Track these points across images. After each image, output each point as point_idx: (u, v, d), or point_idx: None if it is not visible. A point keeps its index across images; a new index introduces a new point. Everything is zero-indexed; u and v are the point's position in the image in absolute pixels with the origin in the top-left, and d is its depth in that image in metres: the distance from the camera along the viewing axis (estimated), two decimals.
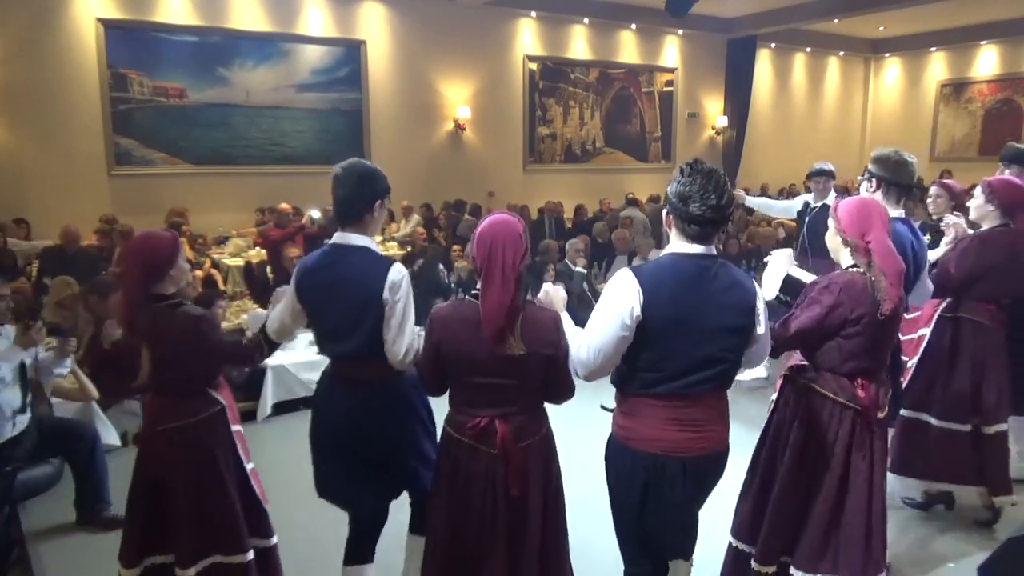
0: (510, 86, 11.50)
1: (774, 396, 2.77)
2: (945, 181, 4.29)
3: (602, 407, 2.42)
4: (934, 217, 4.18)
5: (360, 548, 2.72)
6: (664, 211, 2.24)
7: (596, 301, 2.23)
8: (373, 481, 2.59)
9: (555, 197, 10.97)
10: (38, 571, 3.39)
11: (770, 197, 9.63)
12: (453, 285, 6.88)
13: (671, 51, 13.10)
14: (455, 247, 8.16)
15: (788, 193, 12.99)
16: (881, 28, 13.88)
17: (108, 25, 8.47)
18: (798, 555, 2.58)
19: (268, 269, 7.71)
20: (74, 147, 8.46)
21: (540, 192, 11.41)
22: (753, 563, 2.65)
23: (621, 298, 2.12)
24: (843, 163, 15.39)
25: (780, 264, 2.80)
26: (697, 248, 2.15)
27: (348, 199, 2.48)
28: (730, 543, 2.77)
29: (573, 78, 12.17)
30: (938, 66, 14.77)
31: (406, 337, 2.44)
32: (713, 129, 13.86)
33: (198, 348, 2.58)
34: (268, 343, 2.69)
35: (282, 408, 5.19)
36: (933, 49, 14.59)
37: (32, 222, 8.02)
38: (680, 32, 12.82)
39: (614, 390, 2.32)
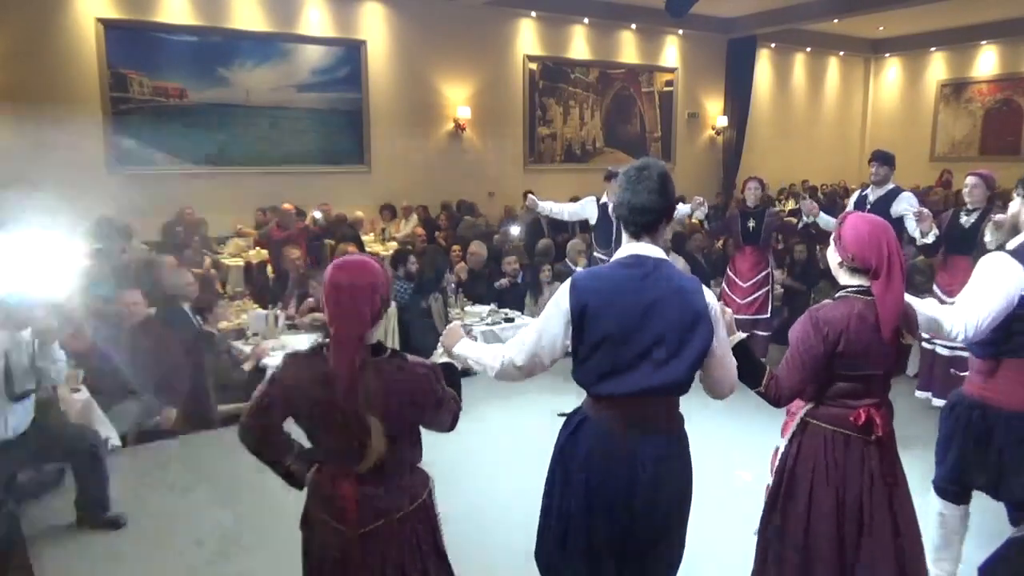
0: (510, 86, 11.50)
1: None
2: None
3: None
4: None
5: None
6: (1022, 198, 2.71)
7: None
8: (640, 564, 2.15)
9: (555, 197, 10.93)
10: (38, 571, 3.39)
11: (770, 198, 9.60)
12: (454, 286, 6.87)
13: (671, 51, 13.10)
14: (455, 247, 8.15)
15: (789, 193, 12.98)
16: (881, 28, 13.87)
17: (108, 25, 8.46)
18: None
19: (268, 269, 7.71)
20: (74, 147, 8.45)
21: (540, 192, 11.22)
22: None
23: (1009, 277, 2.48)
24: (843, 163, 15.51)
25: None
26: None
27: (650, 205, 2.07)
28: None
29: (573, 78, 12.16)
30: (938, 66, 14.77)
31: (733, 365, 2.20)
32: (713, 129, 13.85)
33: (437, 409, 2.00)
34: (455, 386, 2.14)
35: None
36: (933, 49, 14.59)
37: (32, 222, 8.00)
38: (680, 32, 12.81)
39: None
